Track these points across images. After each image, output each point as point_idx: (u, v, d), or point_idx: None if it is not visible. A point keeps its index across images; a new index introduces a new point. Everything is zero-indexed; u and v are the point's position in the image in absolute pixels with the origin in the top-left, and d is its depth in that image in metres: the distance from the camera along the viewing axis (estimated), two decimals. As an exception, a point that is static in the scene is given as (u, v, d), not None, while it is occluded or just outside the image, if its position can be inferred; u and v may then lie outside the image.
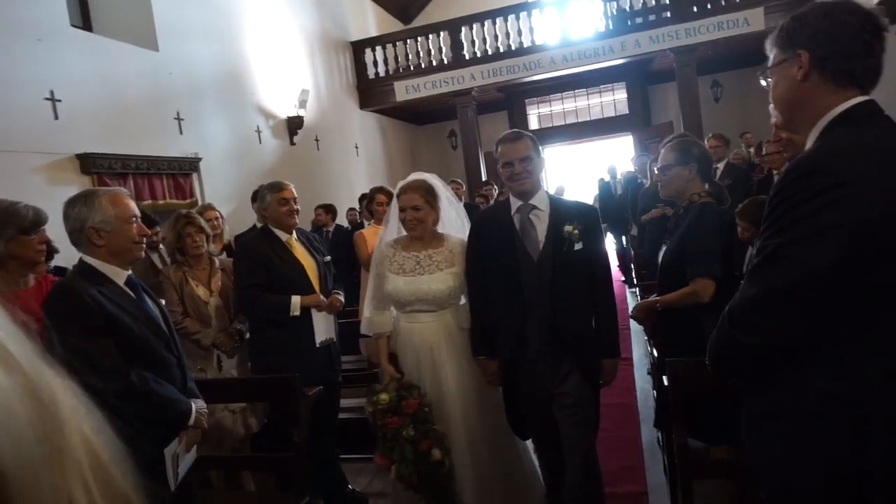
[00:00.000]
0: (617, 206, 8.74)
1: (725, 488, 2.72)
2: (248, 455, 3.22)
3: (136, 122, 6.15)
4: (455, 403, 2.68)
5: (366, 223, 5.77)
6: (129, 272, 2.17)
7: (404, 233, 2.84)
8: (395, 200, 2.82)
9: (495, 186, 8.39)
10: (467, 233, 2.84)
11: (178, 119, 6.79)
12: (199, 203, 6.76)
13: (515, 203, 2.65)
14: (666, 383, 2.46)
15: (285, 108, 8.91)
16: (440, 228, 2.87)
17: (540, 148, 2.68)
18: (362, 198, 7.39)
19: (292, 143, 9.04)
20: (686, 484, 2.30)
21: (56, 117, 5.34)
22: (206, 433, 2.38)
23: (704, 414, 2.45)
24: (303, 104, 9.03)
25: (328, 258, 3.47)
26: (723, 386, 1.63)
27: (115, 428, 0.51)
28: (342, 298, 3.38)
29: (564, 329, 2.54)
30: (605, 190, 9.81)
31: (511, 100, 13.09)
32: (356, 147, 11.06)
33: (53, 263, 2.76)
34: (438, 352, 2.71)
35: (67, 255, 2.56)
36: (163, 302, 2.45)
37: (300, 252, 3.30)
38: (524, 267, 2.58)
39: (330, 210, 7.87)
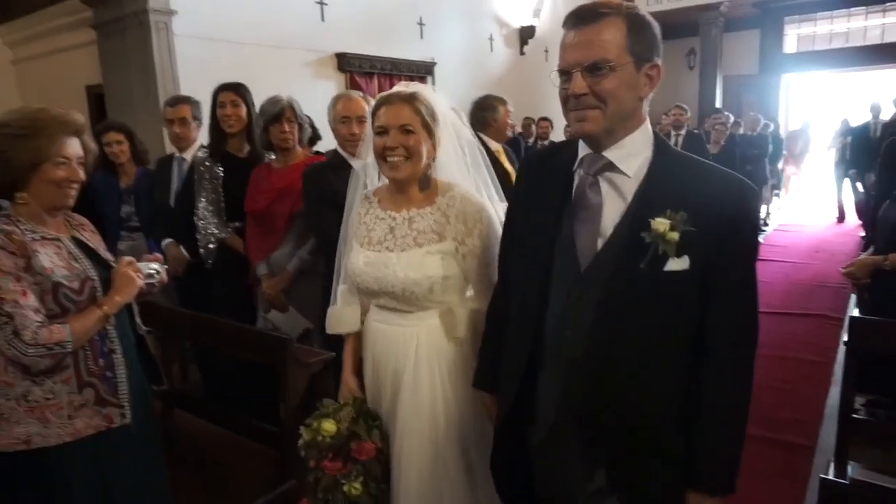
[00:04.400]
0: (871, 151, 7.64)
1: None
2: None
3: (385, 26, 6.79)
4: (410, 465, 1.68)
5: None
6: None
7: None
8: (369, 119, 1.77)
9: (729, 117, 7.79)
10: (484, 198, 1.76)
11: (420, 24, 7.32)
12: (430, 105, 7.39)
13: (582, 150, 1.34)
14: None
15: (519, 17, 9.02)
16: (437, 173, 1.75)
17: (643, 40, 1.23)
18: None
19: (522, 53, 9.19)
20: (842, 442, 2.28)
21: (322, 19, 6.16)
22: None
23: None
24: (537, 13, 9.06)
25: None
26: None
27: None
28: None
29: (606, 411, 1.30)
30: (863, 131, 8.55)
31: (766, 16, 11.61)
32: (584, 60, 10.83)
33: (315, 148, 3.36)
34: (404, 378, 1.70)
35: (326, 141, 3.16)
36: None
37: (505, 162, 3.63)
38: (559, 275, 1.35)
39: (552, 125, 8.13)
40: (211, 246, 3.01)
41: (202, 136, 3.30)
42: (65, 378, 1.63)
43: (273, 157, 2.91)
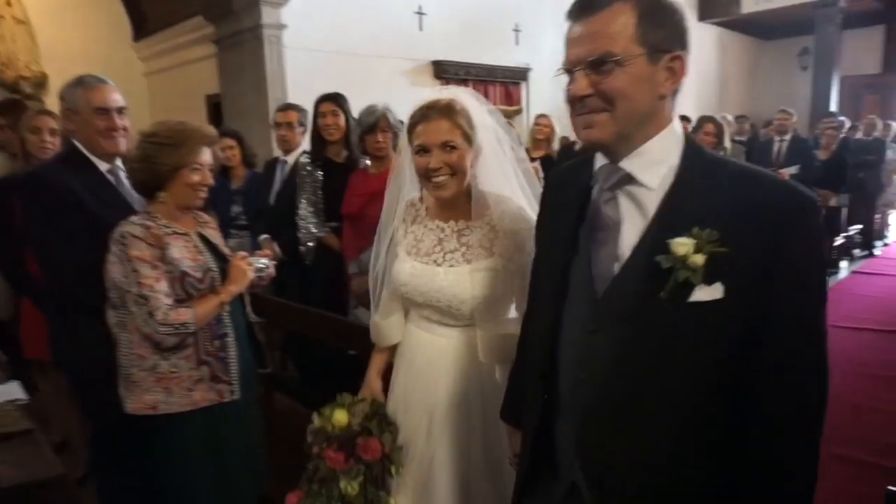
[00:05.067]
0: None
1: None
2: None
3: (480, 33, 6.94)
4: (440, 486, 1.62)
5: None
6: None
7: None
8: (404, 136, 1.68)
9: (844, 121, 7.28)
10: (526, 201, 1.66)
11: (516, 30, 7.41)
12: (524, 111, 7.47)
13: (599, 160, 1.16)
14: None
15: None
16: (481, 183, 1.64)
17: (659, 27, 1.03)
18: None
19: (618, 57, 9.04)
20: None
21: (420, 28, 6.40)
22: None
23: None
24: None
25: None
26: None
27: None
28: None
29: (627, 471, 1.09)
30: None
31: (893, 9, 10.74)
32: (686, 62, 10.47)
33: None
34: (439, 391, 1.65)
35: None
36: None
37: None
38: (574, 307, 1.17)
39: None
40: (310, 244, 3.26)
41: (305, 142, 3.57)
42: (187, 355, 1.87)
43: (368, 162, 3.11)
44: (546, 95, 7.69)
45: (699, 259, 0.96)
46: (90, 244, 1.88)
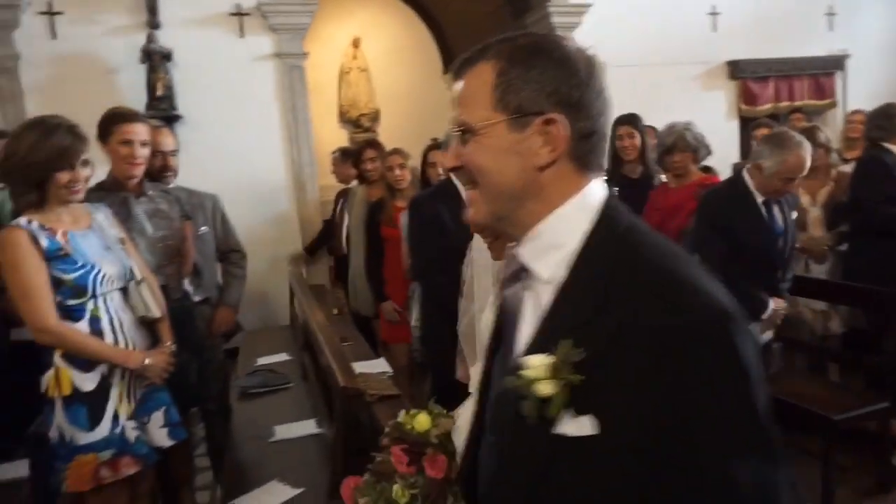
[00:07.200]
0: None
1: None
2: (829, 347, 3.52)
3: (784, 24, 6.39)
4: None
5: None
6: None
7: None
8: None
9: None
10: None
11: (829, 14, 6.63)
12: (839, 105, 6.64)
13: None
14: None
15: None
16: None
17: (523, 84, 0.83)
18: None
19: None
20: None
21: (714, 29, 6.17)
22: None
23: None
24: None
25: None
26: None
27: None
28: None
29: None
30: None
31: None
32: None
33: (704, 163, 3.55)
34: None
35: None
36: (794, 215, 2.93)
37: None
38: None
39: None
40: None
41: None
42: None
43: (664, 178, 3.24)
44: (869, 85, 6.72)
45: (546, 388, 0.73)
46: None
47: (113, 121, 2.39)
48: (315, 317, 2.76)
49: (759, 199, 2.64)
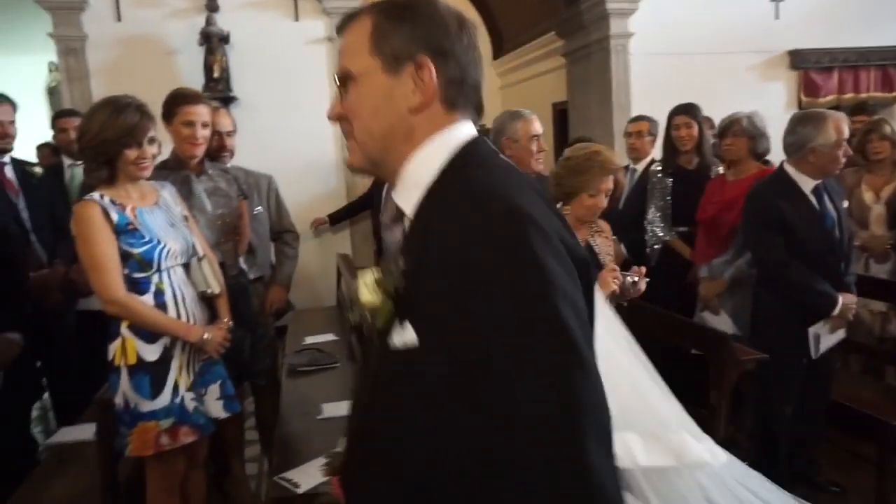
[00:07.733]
0: None
1: None
2: (887, 349, 3.39)
3: (852, 11, 6.09)
4: None
5: None
6: (818, 182, 2.59)
7: None
8: None
9: None
10: None
11: (900, 2, 6.31)
12: (905, 97, 6.32)
13: None
14: None
15: None
16: None
17: (400, 33, 0.89)
18: None
19: None
20: None
21: (776, 17, 5.94)
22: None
23: None
24: None
25: None
26: None
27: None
28: None
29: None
30: None
31: None
32: None
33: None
34: None
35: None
36: (845, 204, 2.83)
37: None
38: None
39: None
40: (656, 247, 3.45)
41: (654, 151, 3.76)
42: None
43: (721, 169, 3.16)
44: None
45: (366, 296, 0.79)
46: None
47: (176, 102, 2.46)
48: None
49: (808, 188, 2.55)
